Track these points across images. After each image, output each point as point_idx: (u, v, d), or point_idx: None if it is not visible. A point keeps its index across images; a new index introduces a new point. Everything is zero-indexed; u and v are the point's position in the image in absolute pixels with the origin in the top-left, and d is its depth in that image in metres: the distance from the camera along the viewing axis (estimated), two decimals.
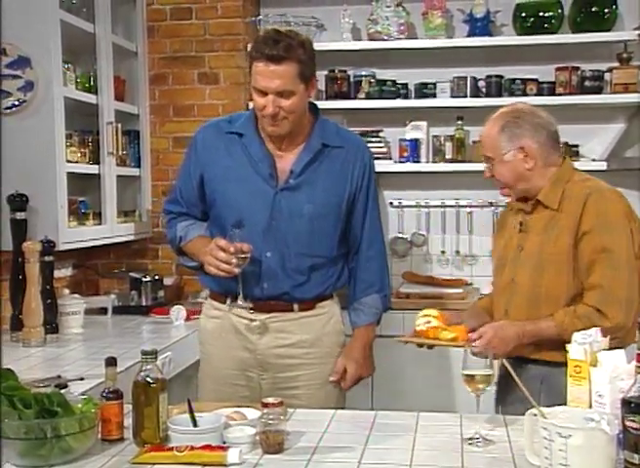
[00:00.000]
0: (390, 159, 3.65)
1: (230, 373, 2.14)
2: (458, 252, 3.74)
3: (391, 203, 3.77)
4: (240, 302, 2.07)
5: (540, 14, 3.46)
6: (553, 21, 3.45)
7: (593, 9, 3.43)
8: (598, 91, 3.46)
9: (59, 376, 2.03)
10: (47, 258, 2.65)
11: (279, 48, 1.93)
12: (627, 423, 1.30)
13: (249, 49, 2.02)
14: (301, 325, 2.12)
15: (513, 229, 2.08)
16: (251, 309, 2.11)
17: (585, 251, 1.89)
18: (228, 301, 2.15)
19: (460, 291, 3.42)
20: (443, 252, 3.75)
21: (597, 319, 1.83)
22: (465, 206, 3.72)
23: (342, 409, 1.93)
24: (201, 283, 2.31)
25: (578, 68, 3.48)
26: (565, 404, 1.53)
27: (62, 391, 1.69)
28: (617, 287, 1.87)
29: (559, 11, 3.45)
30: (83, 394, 1.75)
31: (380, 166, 3.60)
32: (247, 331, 2.12)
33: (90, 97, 3.05)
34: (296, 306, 2.11)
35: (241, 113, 2.23)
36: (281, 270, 2.08)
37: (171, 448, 1.49)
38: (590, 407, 1.51)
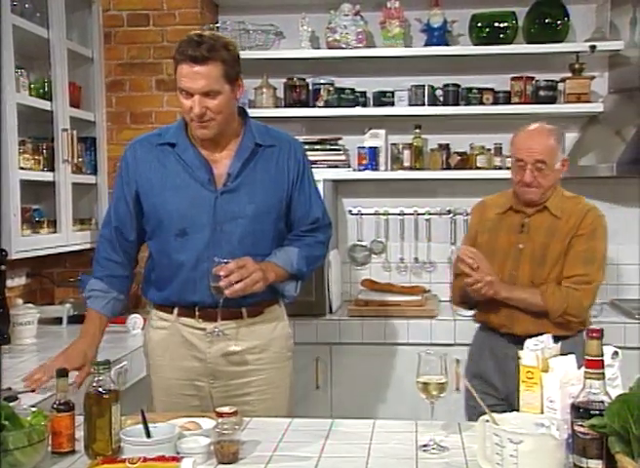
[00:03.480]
0: (349, 167, 3.67)
1: (179, 384, 2.12)
2: (416, 259, 3.77)
3: (350, 211, 3.79)
4: (217, 330, 2.03)
5: (496, 24, 3.52)
6: (508, 32, 3.52)
7: (547, 20, 3.50)
8: (552, 100, 3.54)
9: (9, 388, 1.98)
10: None
11: (202, 49, 1.94)
12: (576, 428, 1.33)
13: (174, 54, 2.02)
14: (251, 331, 2.11)
15: (510, 229, 2.44)
16: (200, 318, 2.09)
17: (574, 249, 2.36)
18: (174, 316, 2.13)
19: (419, 298, 3.44)
20: (402, 259, 3.78)
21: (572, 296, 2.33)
22: (424, 213, 3.75)
23: (294, 417, 1.91)
24: (143, 296, 2.27)
25: (532, 78, 3.55)
26: None
27: (12, 404, 1.65)
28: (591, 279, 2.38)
29: (514, 22, 3.52)
30: (34, 406, 1.71)
31: (339, 174, 3.63)
32: (197, 339, 2.11)
33: (44, 104, 2.99)
34: (244, 312, 2.10)
35: (170, 125, 2.21)
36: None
37: (123, 460, 1.47)
38: (542, 412, 1.54)
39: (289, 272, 2.11)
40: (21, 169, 2.80)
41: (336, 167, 3.63)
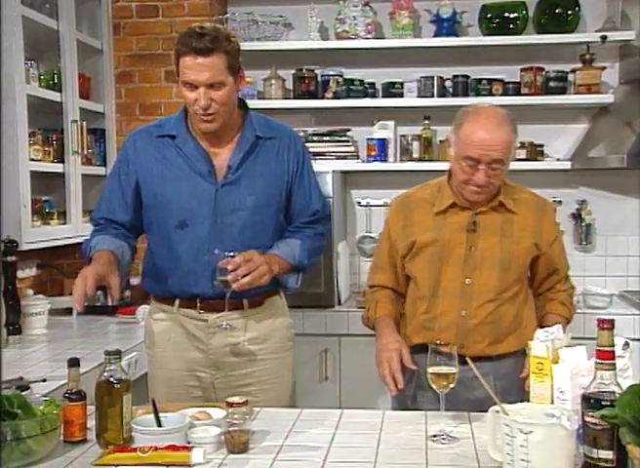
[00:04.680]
0: (358, 158, 3.67)
1: (182, 375, 2.12)
2: None
3: (359, 202, 3.78)
4: (225, 323, 2.04)
5: (506, 15, 3.51)
6: (518, 22, 3.50)
7: (557, 10, 3.48)
8: (562, 91, 3.52)
9: (20, 378, 2.00)
10: (9, 258, 2.61)
11: (205, 40, 1.93)
12: (587, 419, 1.32)
13: (175, 46, 2.00)
14: (252, 322, 2.12)
15: (456, 228, 2.04)
16: (201, 310, 2.09)
17: (556, 255, 2.11)
18: (175, 308, 2.11)
19: None
20: None
21: (573, 293, 2.20)
22: None
23: (304, 407, 1.91)
24: (143, 288, 2.24)
25: (542, 69, 3.53)
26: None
27: (24, 393, 1.66)
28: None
29: (524, 12, 3.50)
30: (45, 396, 1.72)
31: (348, 165, 3.63)
32: (199, 330, 2.10)
33: (54, 95, 3.00)
34: (245, 303, 2.10)
35: (170, 116, 2.20)
36: None
37: (134, 449, 1.48)
38: (552, 403, 1.54)
39: (291, 264, 2.11)
40: (32, 160, 2.83)
41: (344, 158, 3.63)
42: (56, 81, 3.06)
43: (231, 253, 1.94)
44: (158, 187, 2.09)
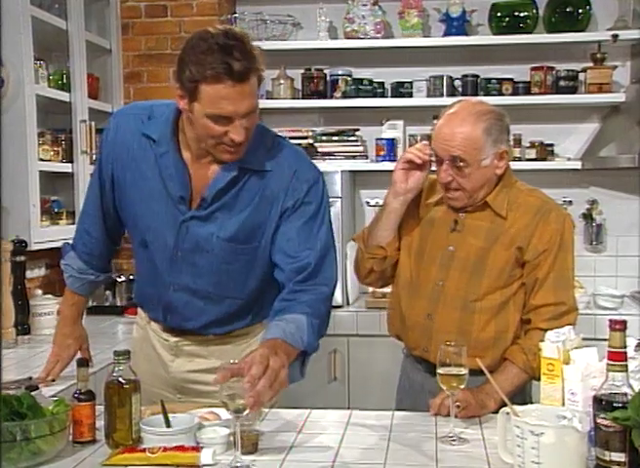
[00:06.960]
0: (367, 158, 3.66)
1: (151, 391, 1.86)
2: None
3: (367, 202, 3.78)
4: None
5: (516, 14, 3.50)
6: (528, 21, 3.49)
7: (567, 9, 3.47)
8: (573, 91, 3.50)
9: (30, 378, 2.00)
10: (18, 258, 2.62)
11: (243, 61, 1.50)
12: (599, 420, 1.31)
13: (192, 66, 1.52)
14: (216, 350, 1.86)
15: (441, 224, 1.92)
16: (164, 330, 1.90)
17: (542, 267, 1.83)
18: (145, 314, 1.95)
19: None
20: None
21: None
22: None
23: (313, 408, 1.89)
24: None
25: (552, 68, 3.51)
26: None
27: (33, 393, 1.66)
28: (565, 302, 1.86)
29: (534, 11, 3.49)
30: (54, 396, 1.73)
31: (357, 165, 3.63)
32: (162, 349, 1.91)
33: (63, 95, 3.01)
34: (211, 336, 1.85)
35: (164, 105, 1.74)
36: (184, 309, 1.81)
37: (143, 450, 1.48)
38: (563, 404, 1.52)
39: (299, 350, 1.62)
40: (41, 160, 2.84)
41: (353, 158, 3.63)
42: (65, 81, 3.07)
43: (235, 362, 1.42)
44: (129, 191, 1.77)
